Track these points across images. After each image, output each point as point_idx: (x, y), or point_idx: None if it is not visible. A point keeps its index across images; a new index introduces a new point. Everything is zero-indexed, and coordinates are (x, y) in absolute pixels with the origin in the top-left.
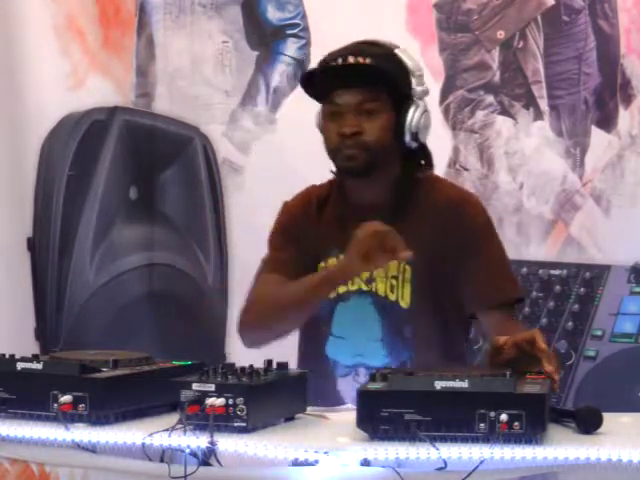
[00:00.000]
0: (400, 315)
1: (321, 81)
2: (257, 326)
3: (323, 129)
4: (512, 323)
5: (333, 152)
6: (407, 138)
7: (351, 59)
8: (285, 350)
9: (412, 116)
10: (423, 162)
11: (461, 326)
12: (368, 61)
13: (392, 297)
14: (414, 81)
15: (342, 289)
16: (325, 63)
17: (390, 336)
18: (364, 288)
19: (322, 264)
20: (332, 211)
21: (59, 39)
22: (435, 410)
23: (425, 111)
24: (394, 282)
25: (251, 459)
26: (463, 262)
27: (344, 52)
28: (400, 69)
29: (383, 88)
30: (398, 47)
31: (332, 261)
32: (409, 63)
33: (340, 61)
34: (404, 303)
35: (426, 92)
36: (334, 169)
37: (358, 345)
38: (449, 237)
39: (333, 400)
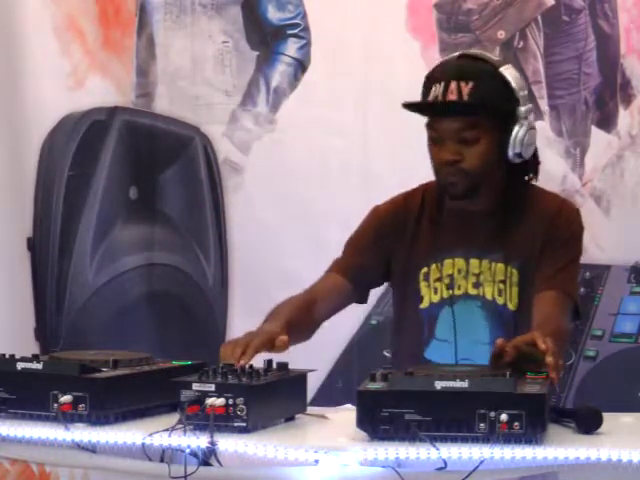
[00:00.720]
0: (508, 318)
1: (422, 105)
2: None
3: (428, 148)
4: (554, 302)
5: (436, 174)
6: (511, 157)
7: (451, 95)
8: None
9: (515, 138)
10: (531, 174)
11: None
12: (467, 95)
13: (500, 300)
14: (518, 101)
15: (447, 294)
16: (429, 83)
17: (497, 339)
18: (471, 292)
19: (425, 269)
20: (431, 214)
21: (59, 39)
22: (435, 410)
23: (530, 129)
24: (502, 286)
25: (251, 459)
26: (544, 256)
27: (446, 76)
28: (503, 91)
29: (483, 115)
30: (504, 64)
31: (435, 266)
32: (513, 83)
33: (441, 91)
34: (512, 306)
35: (530, 110)
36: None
37: (464, 348)
38: (548, 239)
39: None
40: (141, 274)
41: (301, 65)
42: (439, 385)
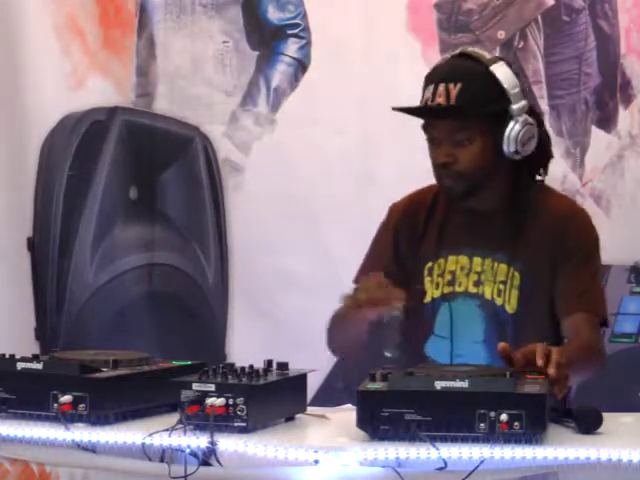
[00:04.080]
0: (505, 319)
1: (413, 109)
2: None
3: (429, 150)
4: (586, 326)
5: (435, 176)
6: (507, 155)
7: (439, 98)
8: (285, 350)
9: (508, 136)
10: (541, 170)
11: (559, 335)
12: (455, 98)
13: (499, 301)
14: (510, 99)
15: (447, 289)
16: (424, 85)
17: (493, 339)
18: (471, 290)
19: (429, 264)
20: (443, 211)
21: (59, 39)
22: (435, 410)
23: (526, 125)
24: (502, 287)
25: (251, 459)
26: (561, 274)
27: (436, 78)
28: (492, 90)
29: (473, 117)
30: (496, 61)
31: (440, 262)
32: (504, 81)
33: (430, 94)
34: (510, 308)
35: (524, 107)
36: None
37: (460, 346)
38: (557, 248)
39: None
40: (141, 274)
41: (301, 65)
42: (439, 385)
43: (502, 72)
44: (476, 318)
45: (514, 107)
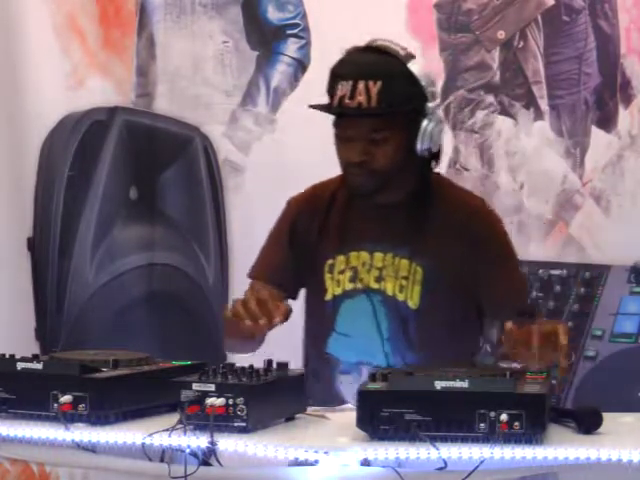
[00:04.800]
0: (407, 315)
1: (329, 103)
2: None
3: (336, 148)
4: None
5: (343, 173)
6: (419, 152)
7: (360, 96)
8: (285, 350)
9: (423, 133)
10: (433, 162)
11: (471, 331)
12: (376, 97)
13: (401, 297)
14: (426, 97)
15: (349, 286)
16: (335, 80)
17: (396, 336)
18: (373, 286)
19: (330, 261)
20: (341, 207)
21: (59, 39)
22: (435, 410)
23: (438, 122)
24: (404, 282)
25: (251, 459)
26: (483, 270)
27: (353, 74)
28: (412, 89)
29: (392, 115)
30: (411, 58)
31: (341, 258)
32: (422, 79)
33: (348, 92)
34: (412, 304)
35: (438, 106)
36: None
37: (362, 343)
38: (465, 243)
39: (334, 399)
40: (141, 274)
41: (301, 65)
42: (439, 385)
43: (419, 70)
44: (379, 315)
45: (430, 105)
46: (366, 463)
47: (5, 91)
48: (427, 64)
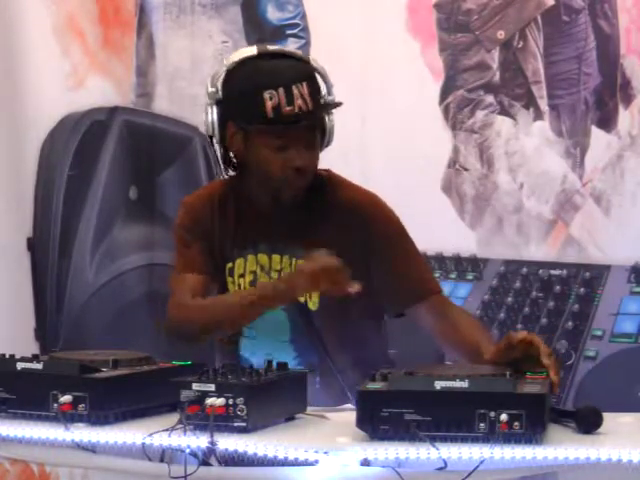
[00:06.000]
0: (309, 316)
1: (255, 115)
2: (187, 332)
3: (260, 156)
4: (452, 307)
5: (279, 182)
6: (324, 147)
7: (298, 101)
8: None
9: (330, 129)
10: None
11: (374, 326)
12: (309, 99)
13: (301, 299)
14: (329, 91)
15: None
16: (255, 90)
17: (299, 337)
18: None
19: (230, 264)
20: (235, 209)
21: (59, 39)
22: (435, 410)
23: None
24: None
25: (251, 459)
26: (378, 266)
27: (279, 81)
28: (323, 86)
29: (320, 117)
30: (308, 55)
31: (239, 261)
32: (324, 73)
33: (284, 99)
34: (312, 305)
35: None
36: (229, 172)
37: (268, 345)
38: (360, 239)
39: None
40: (141, 274)
41: None
42: (439, 385)
43: (319, 65)
44: (281, 317)
45: (330, 98)
46: (366, 463)
47: (5, 91)
48: (427, 64)
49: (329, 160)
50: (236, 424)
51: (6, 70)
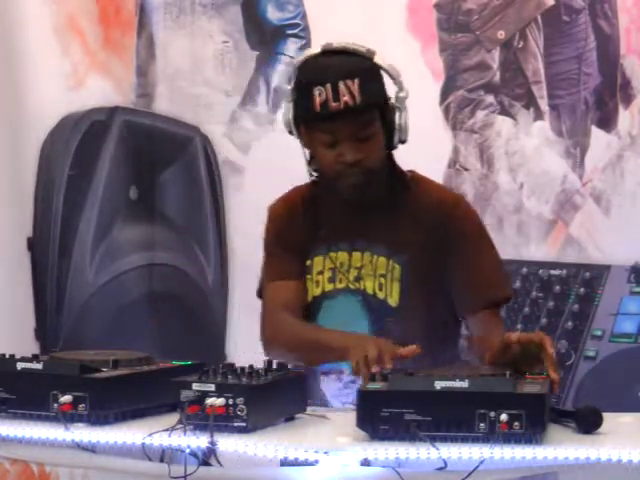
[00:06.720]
0: (388, 313)
1: (306, 111)
2: (280, 354)
3: (316, 153)
4: (495, 323)
5: (334, 178)
6: (396, 144)
7: (344, 97)
8: None
9: (400, 125)
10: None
11: (452, 327)
12: (358, 95)
13: (380, 295)
14: (397, 87)
15: (329, 287)
16: (306, 87)
17: (377, 334)
18: (352, 286)
19: (309, 262)
20: (317, 209)
21: (59, 39)
22: (435, 410)
23: (406, 112)
24: (382, 280)
25: (251, 459)
26: (453, 265)
27: (329, 77)
28: (381, 82)
29: (374, 111)
30: (374, 53)
31: (318, 259)
32: (390, 70)
33: (330, 95)
34: (392, 301)
35: (407, 96)
36: (313, 173)
37: None
38: (441, 238)
39: (316, 399)
40: (141, 274)
41: None
42: (439, 385)
43: (385, 62)
44: (359, 314)
45: (401, 95)
46: (366, 463)
47: (5, 91)
48: (427, 64)
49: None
50: (236, 424)
51: (6, 70)
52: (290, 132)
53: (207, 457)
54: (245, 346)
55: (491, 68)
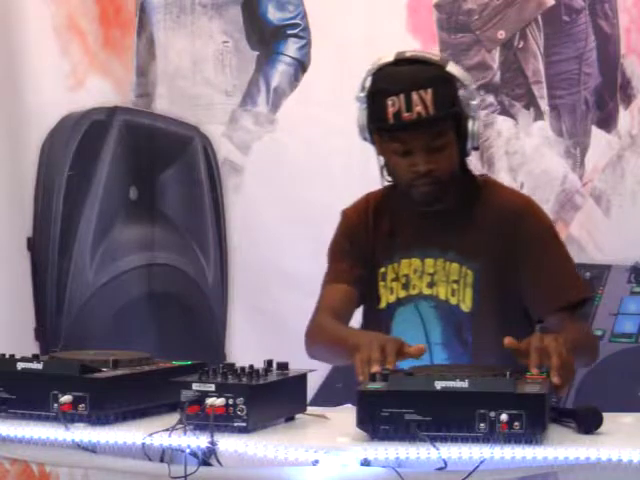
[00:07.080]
0: (461, 319)
1: (379, 120)
2: (317, 352)
3: (389, 161)
4: (572, 323)
5: (407, 187)
6: (468, 152)
7: (417, 107)
8: (285, 350)
9: (472, 132)
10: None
11: (524, 332)
12: (431, 105)
13: (453, 301)
14: (469, 96)
15: (402, 294)
16: (380, 96)
17: (450, 340)
18: (425, 292)
19: (382, 269)
20: (389, 216)
21: (59, 39)
22: (435, 410)
23: (479, 119)
24: (455, 286)
25: (251, 459)
26: (525, 267)
27: (402, 87)
28: (458, 91)
29: (447, 120)
30: (448, 60)
31: (392, 266)
32: (462, 78)
33: (403, 105)
34: (465, 307)
35: (480, 104)
36: (388, 178)
37: None
38: (512, 242)
39: None
40: (141, 274)
41: (301, 65)
42: (439, 385)
43: (457, 70)
44: (432, 320)
45: (473, 103)
46: (366, 463)
47: (5, 91)
48: None
49: (330, 159)
50: (236, 424)
51: (6, 70)
52: (364, 138)
53: (207, 457)
54: (245, 346)
55: (491, 68)
